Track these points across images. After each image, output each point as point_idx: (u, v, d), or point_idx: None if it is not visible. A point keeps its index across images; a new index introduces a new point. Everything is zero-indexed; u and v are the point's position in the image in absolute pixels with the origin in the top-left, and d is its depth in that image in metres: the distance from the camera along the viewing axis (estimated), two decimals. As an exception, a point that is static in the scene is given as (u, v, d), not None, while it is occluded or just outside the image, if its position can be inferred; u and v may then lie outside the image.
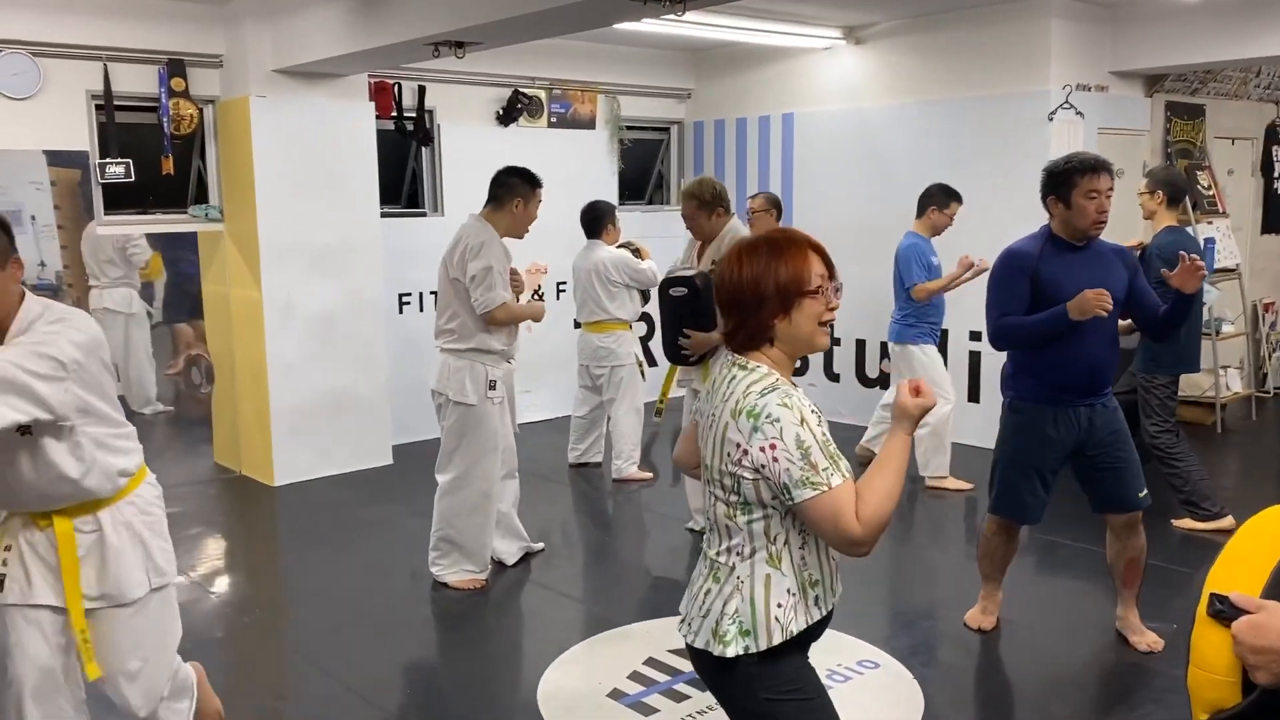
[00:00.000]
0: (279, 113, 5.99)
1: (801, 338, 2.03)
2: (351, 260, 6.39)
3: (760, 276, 1.99)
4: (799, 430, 1.90)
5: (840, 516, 1.89)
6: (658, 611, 4.33)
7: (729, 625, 2.00)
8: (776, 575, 1.99)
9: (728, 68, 8.12)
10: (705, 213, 4.82)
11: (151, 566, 2.63)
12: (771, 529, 1.99)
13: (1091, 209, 3.52)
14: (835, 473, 1.90)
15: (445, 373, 4.51)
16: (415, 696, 3.74)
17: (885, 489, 1.92)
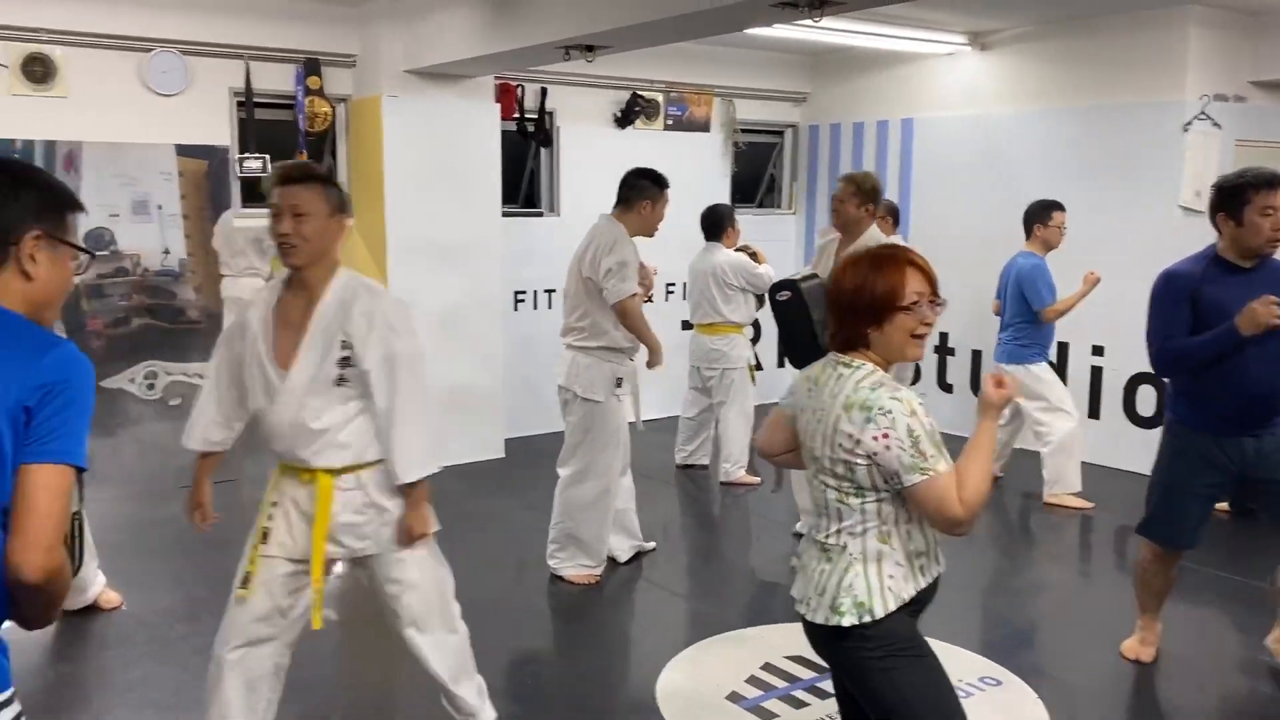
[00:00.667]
0: (409, 112, 6.17)
1: (893, 347, 2.21)
2: (472, 257, 6.54)
3: (860, 287, 2.19)
4: (909, 421, 2.10)
5: (945, 499, 2.09)
6: (770, 617, 4.34)
7: (844, 598, 2.19)
8: (887, 550, 2.19)
9: (846, 71, 8.07)
10: (857, 201, 4.79)
11: (402, 528, 2.88)
12: (883, 510, 2.18)
13: (1266, 226, 3.37)
14: (940, 459, 2.09)
15: (573, 369, 4.59)
16: (538, 686, 3.83)
17: (979, 473, 2.12)
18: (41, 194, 1.70)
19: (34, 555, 1.54)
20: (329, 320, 2.72)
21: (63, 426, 1.58)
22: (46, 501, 1.55)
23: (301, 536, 2.81)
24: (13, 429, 1.54)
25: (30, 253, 1.67)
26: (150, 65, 5.75)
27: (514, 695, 3.71)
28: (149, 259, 6.95)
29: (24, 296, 1.68)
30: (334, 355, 2.71)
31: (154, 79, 5.77)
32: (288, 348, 2.73)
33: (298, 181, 2.72)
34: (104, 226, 7.32)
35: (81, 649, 4.02)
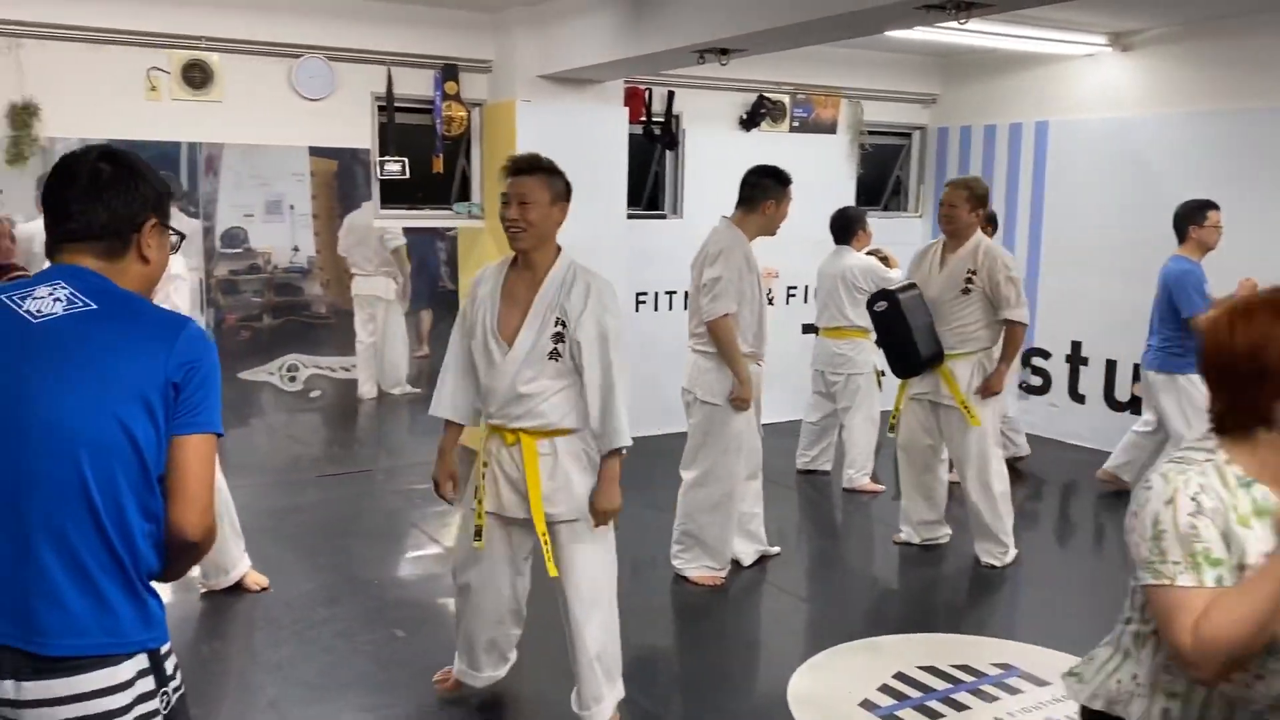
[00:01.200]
0: (541, 116, 6.29)
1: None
2: (597, 259, 6.48)
3: (1262, 346, 1.65)
4: (1160, 510, 1.66)
5: (1172, 620, 1.62)
6: (898, 626, 4.30)
7: (1084, 660, 1.92)
8: (1135, 656, 1.81)
9: (978, 73, 7.90)
10: (969, 206, 4.77)
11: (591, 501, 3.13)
12: (1135, 600, 1.82)
13: None
14: (1187, 572, 1.62)
15: (695, 372, 4.61)
16: (669, 684, 3.87)
17: (1242, 614, 1.55)
18: (153, 184, 1.85)
19: (194, 516, 1.72)
20: (549, 298, 3.01)
21: (205, 400, 1.74)
22: (199, 467, 1.73)
23: (508, 496, 3.11)
24: (164, 405, 1.70)
25: (149, 239, 1.83)
26: (298, 70, 5.99)
27: (645, 691, 3.75)
28: (279, 256, 7.24)
29: (142, 278, 1.84)
30: (549, 330, 2.99)
31: (301, 84, 6.02)
32: (511, 322, 3.05)
33: (525, 172, 3.05)
34: (239, 226, 7.67)
35: (230, 628, 4.23)
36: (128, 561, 1.69)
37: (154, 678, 1.73)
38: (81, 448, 1.65)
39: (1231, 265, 5.45)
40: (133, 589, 1.71)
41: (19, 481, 1.65)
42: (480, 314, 3.09)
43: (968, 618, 4.57)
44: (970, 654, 3.97)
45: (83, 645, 1.65)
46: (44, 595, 1.64)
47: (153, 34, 5.61)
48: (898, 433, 5.10)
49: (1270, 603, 1.55)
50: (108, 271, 1.79)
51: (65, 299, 1.72)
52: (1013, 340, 4.79)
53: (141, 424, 1.68)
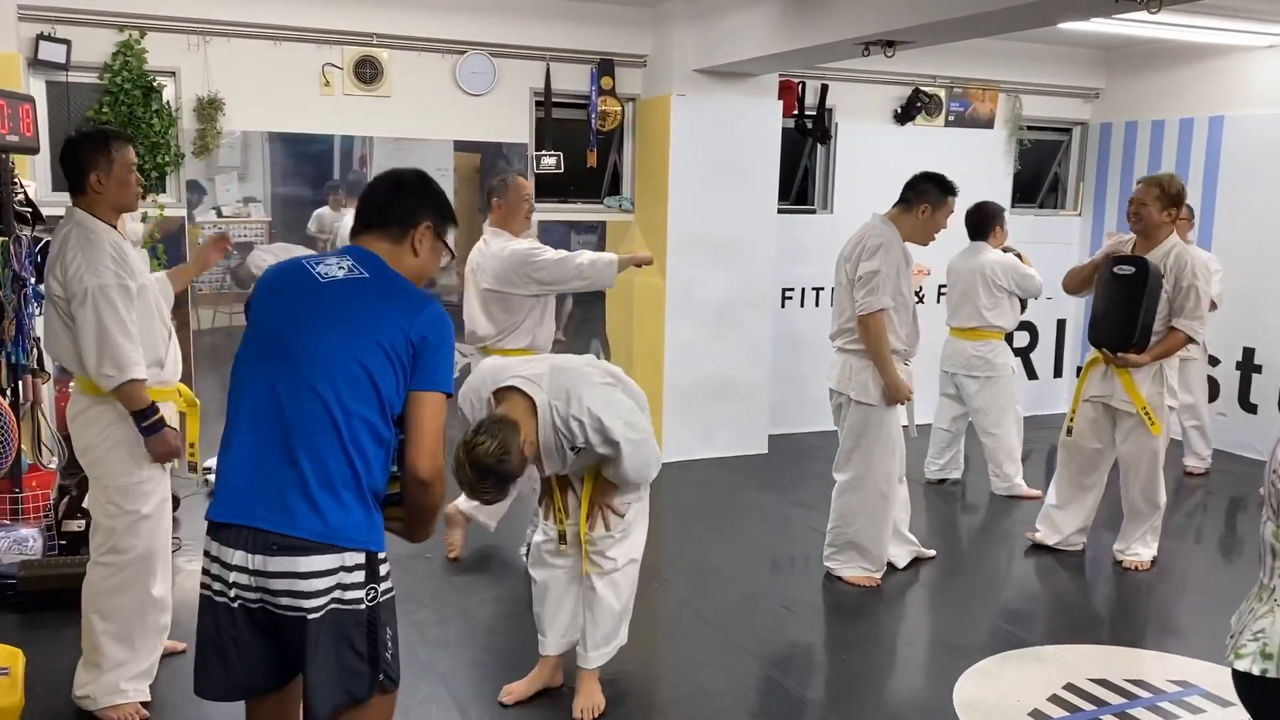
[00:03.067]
0: (695, 110, 6.31)
1: None
2: (747, 253, 6.61)
3: None
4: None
5: None
6: (1064, 636, 4.17)
7: (1248, 641, 1.98)
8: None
9: (1145, 66, 7.57)
10: (1160, 204, 4.55)
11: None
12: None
13: None
14: None
15: (846, 372, 4.53)
16: (830, 682, 3.84)
17: None
18: (436, 201, 2.37)
19: (424, 458, 2.14)
20: None
21: (438, 366, 2.18)
22: (430, 419, 2.16)
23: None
24: (402, 360, 2.14)
25: (421, 237, 2.31)
26: (462, 66, 6.16)
27: (807, 686, 3.74)
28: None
29: (413, 269, 2.31)
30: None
31: (465, 79, 6.18)
32: None
33: None
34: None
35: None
36: (363, 477, 2.12)
37: (365, 573, 2.13)
38: (333, 379, 2.11)
39: None
40: (364, 499, 2.13)
41: (288, 400, 2.12)
42: None
43: (1136, 631, 4.39)
44: (1145, 669, 3.82)
45: (322, 533, 2.08)
46: (300, 492, 2.09)
47: (327, 31, 5.85)
48: (1073, 436, 4.91)
49: None
50: (388, 255, 2.28)
51: (347, 268, 2.24)
52: (1173, 345, 4.60)
53: (380, 367, 2.12)
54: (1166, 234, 4.60)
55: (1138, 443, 4.70)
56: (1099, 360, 4.74)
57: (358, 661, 2.12)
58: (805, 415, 7.11)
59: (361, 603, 2.12)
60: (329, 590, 2.08)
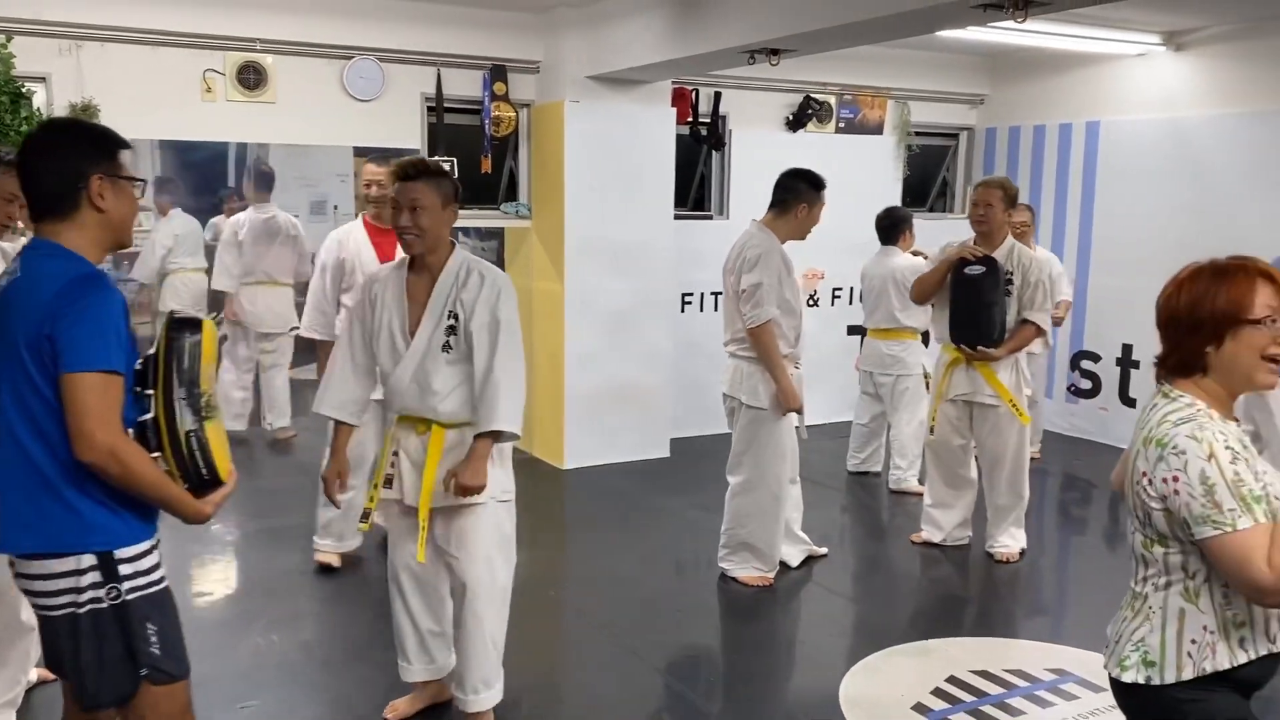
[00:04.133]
0: (589, 117, 6.31)
1: (1238, 372, 1.94)
2: (645, 259, 6.64)
3: (1198, 301, 1.95)
4: (1204, 465, 1.85)
5: (1246, 561, 1.81)
6: (949, 630, 4.28)
7: (1130, 651, 2.01)
8: (1193, 611, 1.95)
9: (1027, 73, 7.82)
10: (1004, 206, 4.78)
11: (495, 482, 3.12)
12: (1190, 564, 1.94)
13: None
14: (1243, 515, 1.82)
15: (738, 377, 4.59)
16: (721, 683, 3.87)
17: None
18: (91, 141, 2.19)
19: (82, 444, 2.05)
20: (444, 294, 3.08)
21: (79, 342, 2.05)
22: (81, 400, 2.04)
23: (411, 484, 3.13)
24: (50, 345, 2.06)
25: (98, 193, 2.15)
26: (350, 71, 6.06)
27: (697, 689, 3.77)
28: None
29: (105, 228, 2.18)
30: (443, 325, 3.07)
31: (353, 85, 6.08)
32: (415, 319, 3.11)
33: (413, 178, 3.03)
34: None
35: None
36: (54, 476, 2.10)
37: (101, 573, 2.14)
38: (7, 397, 2.10)
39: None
40: (93, 498, 2.12)
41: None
42: (386, 315, 3.14)
43: (1014, 621, 4.54)
44: (1024, 658, 3.93)
45: (42, 541, 2.14)
46: (20, 502, 2.13)
47: (208, 36, 5.70)
48: (935, 435, 5.06)
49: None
50: (67, 235, 2.15)
51: (9, 274, 2.19)
52: (1025, 338, 4.80)
53: (41, 371, 2.07)
54: (1005, 234, 4.81)
55: (1003, 435, 4.87)
56: (959, 360, 4.88)
57: (113, 658, 2.17)
58: (707, 418, 7.14)
59: (103, 601, 2.15)
60: (64, 592, 2.14)
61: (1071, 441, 7.36)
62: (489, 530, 3.16)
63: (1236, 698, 1.98)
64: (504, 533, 3.23)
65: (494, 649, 3.24)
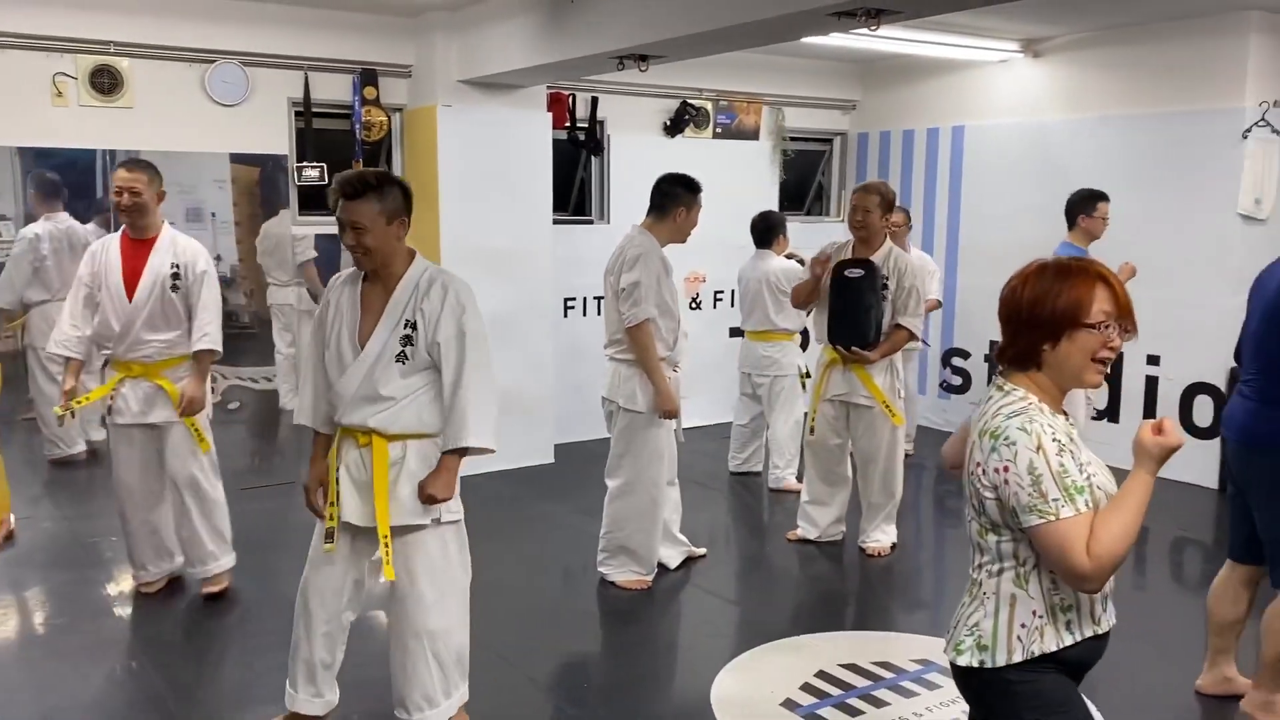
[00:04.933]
0: (463, 121, 6.25)
1: (1068, 370, 2.01)
2: (524, 265, 6.61)
3: (1040, 299, 1.99)
4: (1033, 456, 1.92)
5: (1067, 549, 1.89)
6: (822, 624, 4.35)
7: (965, 635, 2.07)
8: (1023, 595, 2.02)
9: (895, 79, 8.05)
10: (882, 211, 4.90)
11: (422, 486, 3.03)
12: (1020, 551, 2.01)
13: None
14: (1066, 504, 1.89)
15: (615, 381, 4.61)
16: (594, 689, 3.86)
17: (1121, 527, 1.89)
18: None
19: None
20: (402, 302, 2.99)
21: None
22: None
23: (353, 501, 3.04)
24: None
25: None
26: (212, 76, 5.88)
27: (569, 697, 3.75)
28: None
29: None
30: (398, 333, 2.97)
31: (216, 89, 5.90)
32: (367, 327, 3.02)
33: (353, 197, 2.93)
34: (162, 234, 7.46)
35: (148, 638, 4.12)
36: None
37: None
38: None
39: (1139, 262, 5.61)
40: None
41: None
42: (337, 323, 3.06)
43: (886, 614, 4.65)
44: (890, 651, 4.03)
45: None
46: None
47: (57, 38, 5.46)
48: (815, 434, 5.16)
49: (1139, 512, 1.93)
50: None
51: None
52: (898, 341, 4.94)
53: None
54: (884, 239, 4.95)
55: (877, 435, 4.99)
56: (836, 360, 5.00)
57: None
58: (592, 423, 7.10)
59: None
60: None
61: (944, 436, 7.54)
62: (435, 552, 3.10)
63: (1064, 678, 2.05)
64: (450, 554, 3.16)
65: (439, 667, 3.17)
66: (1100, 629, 2.06)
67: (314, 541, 3.20)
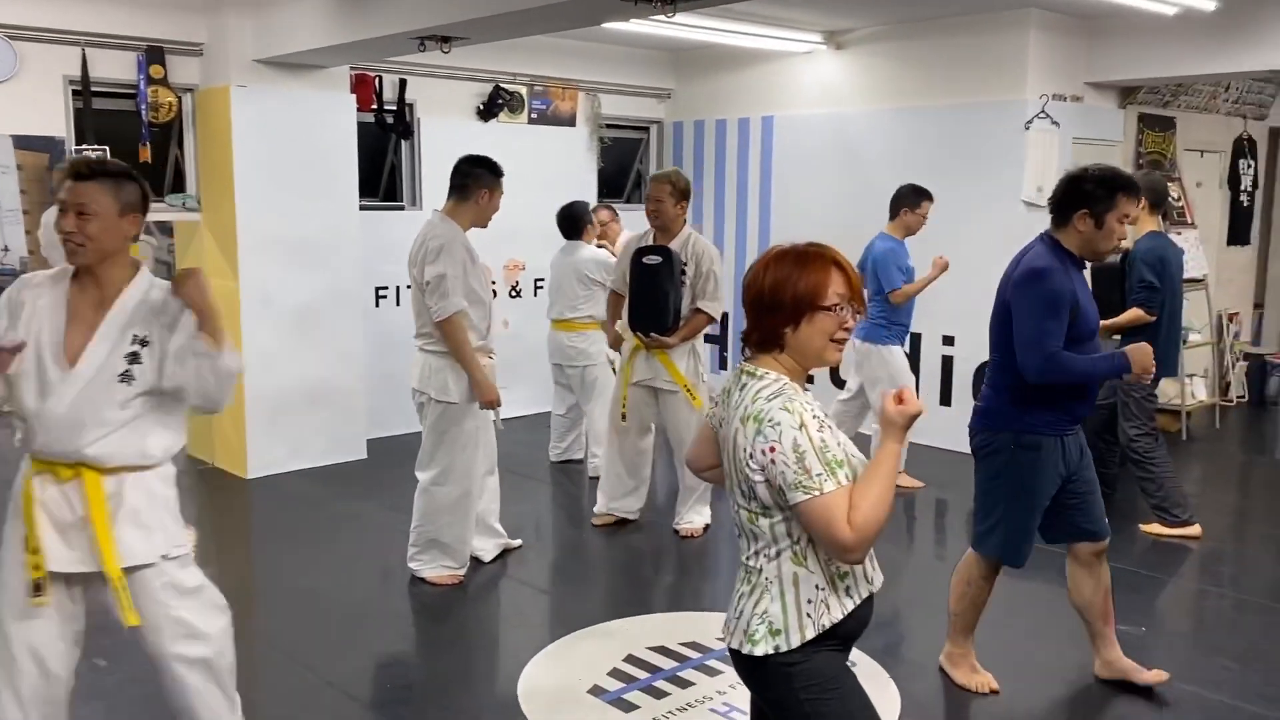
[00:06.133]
0: (260, 103, 5.95)
1: (810, 351, 2.07)
2: (330, 253, 6.37)
3: (781, 284, 2.05)
4: (796, 435, 1.95)
5: (831, 522, 1.93)
6: (635, 608, 4.37)
7: (758, 625, 2.06)
8: (804, 573, 2.04)
9: (708, 69, 8.16)
10: (674, 200, 4.93)
11: (164, 535, 2.70)
12: (794, 530, 2.03)
13: (1119, 233, 3.29)
14: (829, 479, 1.94)
15: (426, 372, 4.48)
16: (396, 690, 3.74)
17: (875, 496, 1.95)
18: None
19: None
20: (127, 312, 2.63)
21: None
22: None
23: (58, 546, 2.61)
24: None
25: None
26: (-27, 50, 5.39)
27: (373, 701, 3.63)
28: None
29: None
30: (123, 349, 2.61)
31: (-22, 64, 5.42)
32: (76, 343, 2.61)
33: (85, 178, 2.59)
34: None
35: None
36: None
37: None
38: None
39: (933, 247, 5.88)
40: None
41: None
42: (35, 330, 2.62)
43: (700, 595, 4.71)
44: (699, 631, 4.07)
45: None
46: None
47: None
48: (628, 421, 5.18)
49: (891, 481, 1.99)
50: None
51: None
52: (697, 326, 5.00)
53: None
54: (681, 225, 4.99)
55: (682, 418, 5.06)
56: (640, 346, 5.03)
57: None
58: (407, 416, 6.83)
59: None
60: None
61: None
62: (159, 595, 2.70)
63: (834, 654, 2.09)
64: (185, 590, 2.76)
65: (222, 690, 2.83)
66: (874, 586, 2.13)
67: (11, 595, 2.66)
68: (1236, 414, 8.14)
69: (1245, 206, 8.54)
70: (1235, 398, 8.34)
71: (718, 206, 8.25)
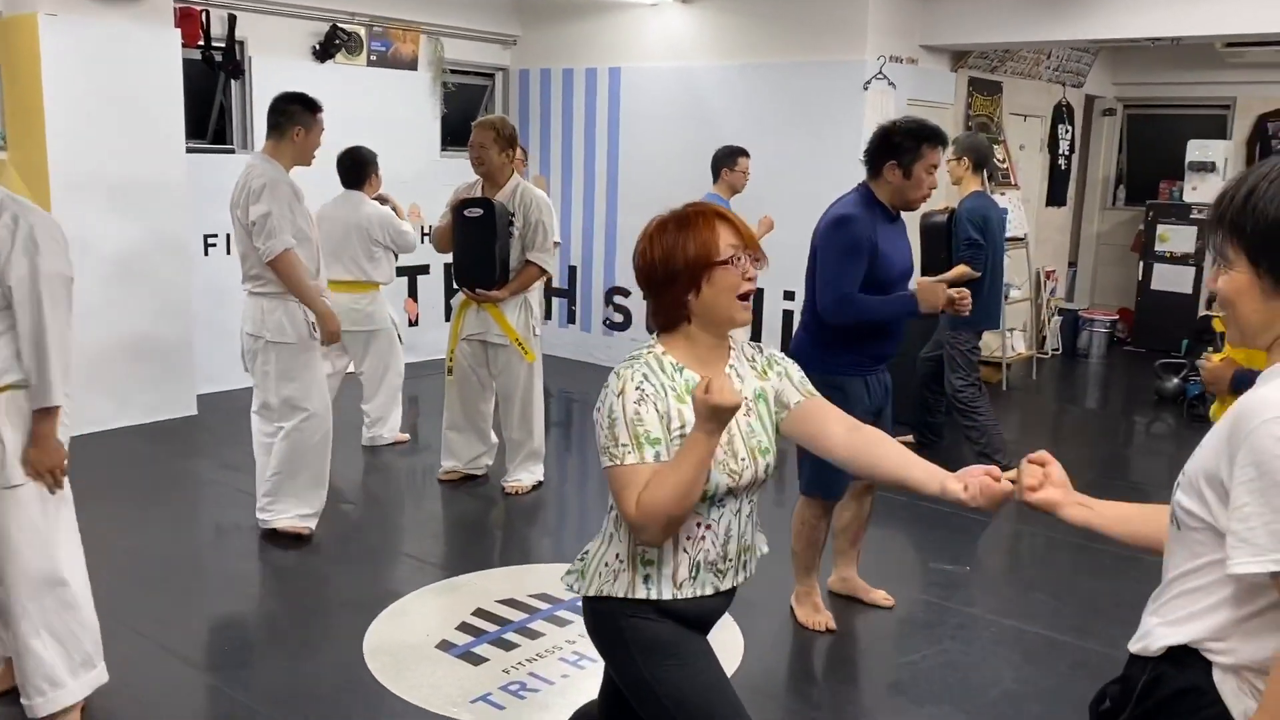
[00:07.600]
0: (72, 34, 5.52)
1: (719, 314, 2.00)
2: (154, 197, 5.99)
3: (670, 253, 1.98)
4: (614, 400, 1.94)
5: (621, 495, 1.90)
6: (482, 564, 4.35)
7: (578, 560, 2.10)
8: (616, 537, 2.04)
9: (555, 16, 8.03)
10: (498, 148, 4.80)
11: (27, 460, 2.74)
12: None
13: (928, 183, 3.44)
14: (632, 452, 1.90)
15: (259, 315, 4.31)
16: (235, 653, 3.61)
17: (673, 482, 1.85)
18: None
19: None
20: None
21: None
22: None
23: None
24: None
25: None
26: None
27: (210, 665, 3.50)
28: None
29: None
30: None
31: None
32: None
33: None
34: None
35: None
36: None
37: None
38: None
39: (772, 203, 6.00)
40: None
41: None
42: None
43: (546, 549, 4.72)
44: (547, 582, 4.08)
45: None
46: None
47: None
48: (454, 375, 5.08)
49: (695, 470, 1.87)
50: None
51: None
52: (528, 279, 4.90)
53: None
54: (509, 174, 4.87)
55: (513, 373, 5.02)
56: (469, 301, 4.95)
57: None
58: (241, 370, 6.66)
59: None
60: None
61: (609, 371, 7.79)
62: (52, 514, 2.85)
63: (678, 627, 2.02)
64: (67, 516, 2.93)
65: (52, 644, 2.89)
66: (682, 594, 2.00)
67: None
68: (1051, 365, 8.69)
69: (1063, 169, 9.05)
70: (1050, 350, 8.89)
71: (565, 158, 8.18)
